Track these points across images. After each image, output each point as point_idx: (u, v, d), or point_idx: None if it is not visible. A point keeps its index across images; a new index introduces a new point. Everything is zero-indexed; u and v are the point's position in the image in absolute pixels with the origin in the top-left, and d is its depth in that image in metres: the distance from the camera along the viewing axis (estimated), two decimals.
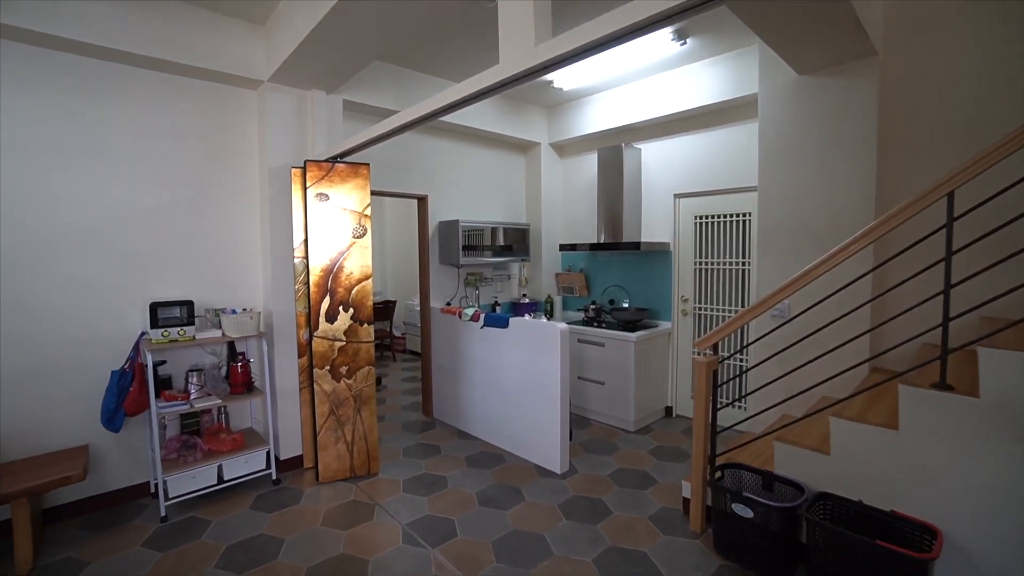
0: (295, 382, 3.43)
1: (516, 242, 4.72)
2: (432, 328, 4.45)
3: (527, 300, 4.93)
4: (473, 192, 4.74)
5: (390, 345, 7.12)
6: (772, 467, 2.45)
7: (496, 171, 4.94)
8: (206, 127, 3.22)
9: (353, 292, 3.21)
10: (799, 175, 3.04)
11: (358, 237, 3.21)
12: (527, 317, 3.79)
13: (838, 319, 2.29)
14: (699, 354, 2.62)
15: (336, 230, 3.15)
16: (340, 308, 3.18)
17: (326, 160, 3.14)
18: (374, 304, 6.84)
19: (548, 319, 4.96)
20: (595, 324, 4.46)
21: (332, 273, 3.15)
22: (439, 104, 2.12)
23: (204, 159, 3.22)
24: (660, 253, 4.43)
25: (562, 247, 4.78)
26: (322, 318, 3.13)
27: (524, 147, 5.17)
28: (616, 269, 4.78)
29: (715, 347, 2.63)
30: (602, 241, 4.51)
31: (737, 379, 3.85)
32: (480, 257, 4.40)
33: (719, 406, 2.66)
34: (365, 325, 3.26)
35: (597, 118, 4.59)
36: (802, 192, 3.03)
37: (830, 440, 2.23)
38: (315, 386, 3.15)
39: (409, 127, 2.42)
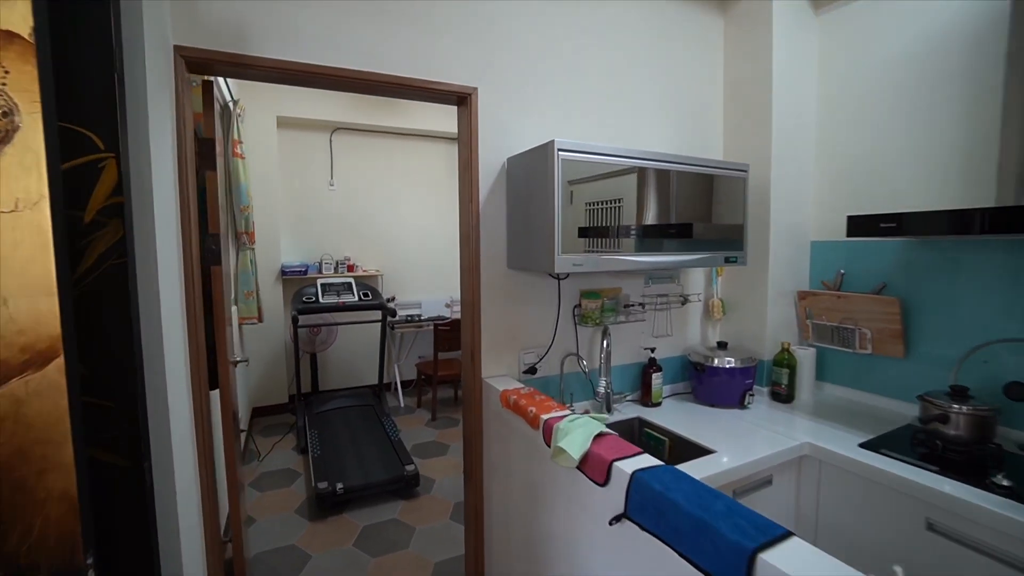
0: None
1: (705, 215, 1.81)
2: (487, 432, 1.79)
3: (730, 361, 1.97)
4: (595, 92, 1.93)
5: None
6: None
7: (651, 45, 2.05)
8: None
9: None
10: None
11: None
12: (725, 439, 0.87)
13: None
14: None
15: None
16: None
17: None
18: (439, 324, 4.17)
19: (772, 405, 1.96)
20: (978, 475, 1.37)
21: None
22: None
23: None
24: None
25: (850, 231, 1.72)
26: None
27: None
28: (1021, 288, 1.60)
29: None
30: (1001, 205, 1.40)
31: None
32: (611, 251, 1.60)
33: None
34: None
35: None
36: None
37: None
38: None
39: None
